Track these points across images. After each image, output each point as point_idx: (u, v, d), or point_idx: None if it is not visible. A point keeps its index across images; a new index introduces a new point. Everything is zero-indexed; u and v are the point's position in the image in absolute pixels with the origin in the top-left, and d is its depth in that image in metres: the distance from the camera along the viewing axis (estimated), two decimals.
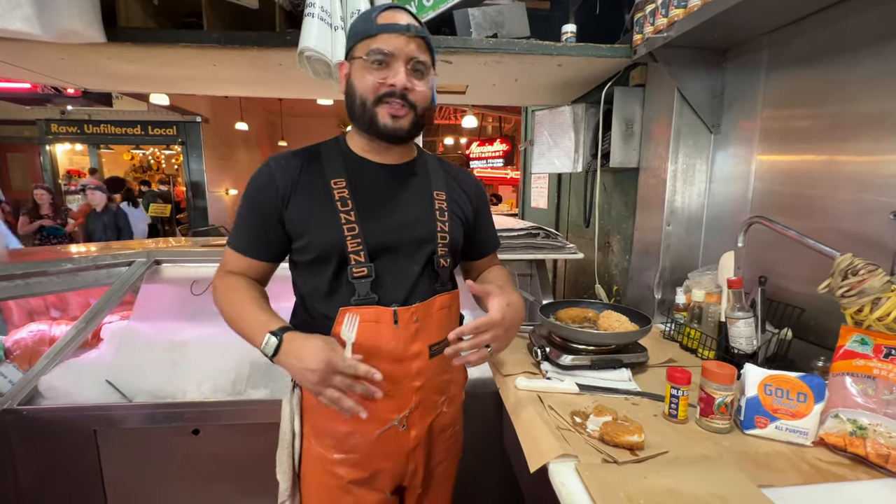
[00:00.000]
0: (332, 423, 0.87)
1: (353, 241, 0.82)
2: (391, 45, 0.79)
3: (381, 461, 0.89)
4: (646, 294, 1.62)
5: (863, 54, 0.99)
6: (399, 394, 0.87)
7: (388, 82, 0.80)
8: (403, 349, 0.85)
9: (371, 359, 0.81)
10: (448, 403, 0.97)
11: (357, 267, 0.83)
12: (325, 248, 0.83)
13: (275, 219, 0.84)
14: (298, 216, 0.84)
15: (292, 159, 0.87)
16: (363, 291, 0.83)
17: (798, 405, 0.78)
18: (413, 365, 0.87)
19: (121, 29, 1.36)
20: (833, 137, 1.06)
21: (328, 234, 0.82)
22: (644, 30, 1.36)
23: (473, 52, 1.49)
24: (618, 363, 1.06)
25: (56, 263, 1.53)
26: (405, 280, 0.86)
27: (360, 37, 0.81)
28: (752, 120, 1.29)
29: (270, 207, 0.84)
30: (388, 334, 0.84)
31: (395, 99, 0.81)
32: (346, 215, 0.83)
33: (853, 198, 1.00)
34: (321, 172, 0.86)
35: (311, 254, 0.84)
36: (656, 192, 1.54)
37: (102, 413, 1.38)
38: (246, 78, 1.83)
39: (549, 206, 2.97)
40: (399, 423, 0.88)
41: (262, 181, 0.85)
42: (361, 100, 0.82)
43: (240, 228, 0.88)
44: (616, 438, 0.76)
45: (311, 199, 0.84)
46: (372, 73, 0.80)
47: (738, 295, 1.07)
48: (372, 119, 0.82)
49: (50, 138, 7.98)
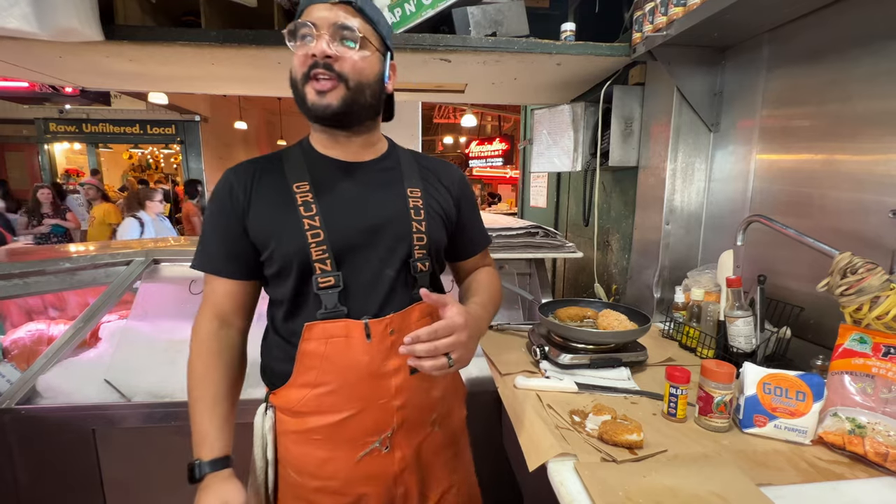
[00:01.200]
0: (307, 448, 0.81)
1: (317, 248, 0.76)
2: (314, 15, 0.73)
3: (363, 486, 0.82)
4: (645, 293, 1.62)
5: (862, 53, 0.98)
6: (377, 413, 0.80)
7: (308, 53, 0.73)
8: (379, 365, 0.79)
9: (343, 378, 0.78)
10: (440, 423, 0.89)
11: (323, 276, 0.77)
12: (287, 256, 0.77)
13: (239, 230, 0.79)
14: (259, 224, 0.78)
15: (250, 166, 0.82)
16: (330, 303, 0.77)
17: (797, 404, 0.78)
18: (391, 382, 0.80)
19: (118, 27, 1.36)
20: (832, 136, 1.05)
21: (290, 241, 0.76)
22: (643, 28, 1.36)
23: (472, 51, 1.48)
24: (617, 362, 1.06)
25: (54, 262, 1.53)
26: (378, 289, 0.80)
27: (296, 16, 0.76)
28: (751, 118, 1.29)
29: (232, 218, 0.79)
30: (360, 350, 0.78)
31: (320, 70, 0.73)
32: (309, 220, 0.77)
33: (852, 197, 1.00)
34: (282, 176, 0.80)
35: (275, 265, 0.78)
36: (655, 190, 1.54)
37: (101, 412, 1.38)
38: (245, 77, 1.83)
39: (548, 205, 2.97)
40: (381, 445, 0.81)
41: (220, 192, 0.80)
42: (293, 82, 0.76)
43: (208, 247, 0.81)
44: (615, 437, 0.76)
45: (271, 205, 0.79)
46: (300, 50, 0.74)
47: (737, 294, 1.07)
48: (303, 100, 0.75)
49: (48, 137, 7.97)
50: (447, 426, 0.92)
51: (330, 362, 0.78)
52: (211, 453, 0.76)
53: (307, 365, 0.79)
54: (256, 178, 0.81)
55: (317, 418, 0.80)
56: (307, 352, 0.78)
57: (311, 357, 0.78)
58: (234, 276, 0.81)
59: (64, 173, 8.68)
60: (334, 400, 0.79)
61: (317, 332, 0.77)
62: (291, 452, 0.83)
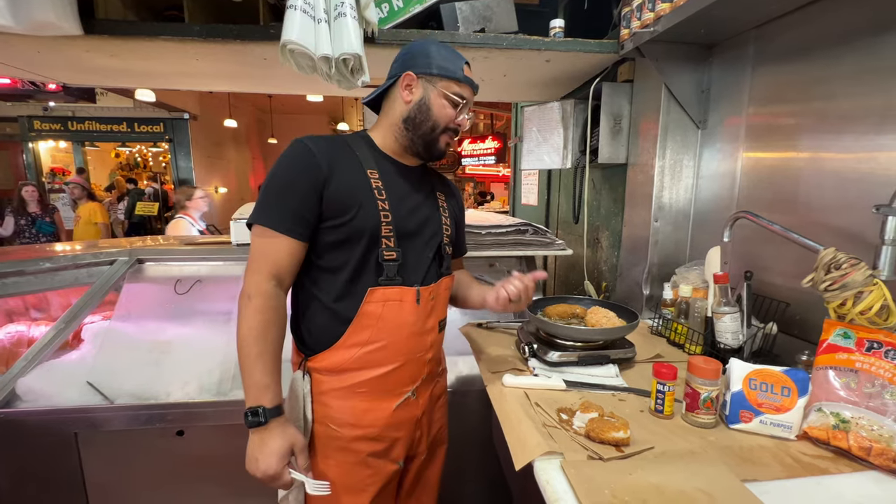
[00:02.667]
0: (350, 401, 0.92)
1: (386, 226, 0.90)
2: (468, 96, 0.95)
3: (396, 431, 0.96)
4: (634, 290, 1.62)
5: (846, 50, 0.99)
6: (415, 366, 0.96)
7: (458, 121, 0.95)
8: (422, 325, 0.96)
9: (393, 336, 0.92)
10: (441, 373, 1.11)
11: (388, 251, 0.90)
12: (361, 228, 0.88)
13: (315, 196, 0.86)
14: (339, 194, 0.87)
15: (329, 142, 0.92)
16: (391, 273, 0.91)
17: (782, 399, 0.78)
18: (428, 338, 0.98)
19: (98, 21, 1.32)
20: (817, 133, 1.06)
21: (368, 216, 0.88)
22: (631, 24, 1.35)
23: (461, 47, 1.47)
24: (605, 359, 1.06)
25: (34, 263, 1.49)
26: (421, 265, 0.96)
27: (447, 74, 0.92)
28: (738, 116, 1.30)
29: (312, 184, 0.86)
30: (410, 311, 0.93)
31: (454, 134, 0.97)
32: (382, 203, 0.90)
33: (836, 193, 1.01)
34: (357, 161, 0.92)
35: (344, 233, 0.88)
36: (644, 187, 1.55)
37: (83, 415, 1.35)
38: (230, 73, 1.80)
39: (539, 203, 2.97)
40: (412, 394, 0.97)
41: (302, 158, 0.87)
42: (434, 124, 0.93)
43: (278, 207, 0.85)
44: (602, 435, 0.76)
45: (351, 181, 0.89)
46: (450, 109, 0.93)
47: (724, 290, 1.07)
48: (433, 142, 0.95)
49: (32, 136, 7.80)
50: (443, 376, 1.13)
51: (384, 322, 0.91)
52: (273, 402, 0.83)
53: (364, 324, 0.90)
54: (336, 154, 0.90)
55: (363, 373, 0.91)
56: (367, 312, 0.89)
57: (369, 317, 0.90)
58: (302, 237, 0.87)
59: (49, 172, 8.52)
60: (383, 355, 0.92)
61: (378, 295, 0.90)
62: (332, 408, 0.92)
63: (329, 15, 1.18)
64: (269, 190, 0.87)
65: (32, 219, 5.02)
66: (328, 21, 1.18)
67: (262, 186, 0.89)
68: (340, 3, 1.17)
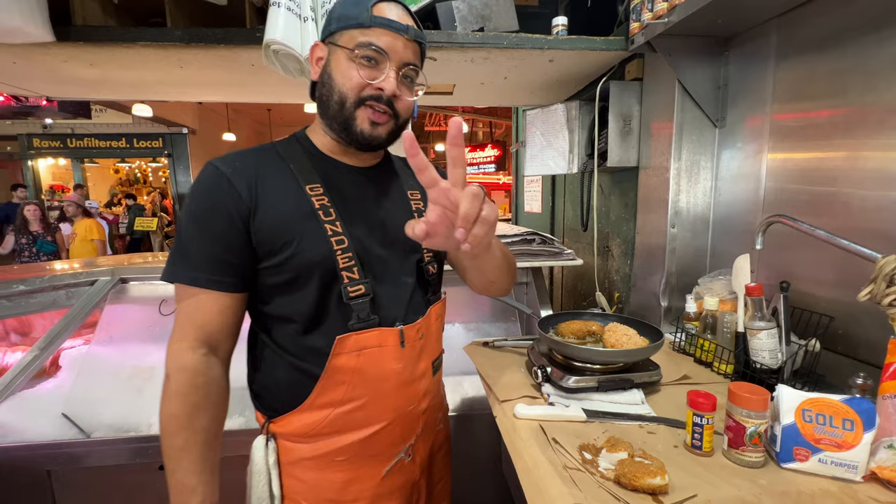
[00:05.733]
0: (326, 474, 0.76)
1: (343, 255, 0.72)
2: (386, 43, 0.70)
3: (387, 501, 0.80)
4: (651, 301, 1.51)
5: (885, 36, 0.89)
6: (406, 422, 0.81)
7: (377, 85, 0.71)
8: (411, 371, 0.79)
9: (375, 391, 0.75)
10: (444, 418, 0.94)
11: (353, 285, 0.72)
12: (308, 264, 0.70)
13: (238, 234, 0.69)
14: (271, 227, 0.70)
15: (246, 160, 0.73)
16: (363, 313, 0.73)
17: (844, 434, 0.67)
18: (420, 386, 0.81)
19: (72, 27, 1.24)
20: (855, 129, 0.96)
21: (311, 247, 0.70)
22: (642, 17, 1.26)
23: (459, 48, 1.39)
24: (628, 384, 0.95)
25: (6, 285, 1.39)
26: (401, 294, 0.78)
27: (348, 23, 0.70)
28: (760, 113, 1.20)
29: (230, 219, 0.68)
30: (393, 358, 0.76)
31: (380, 104, 0.72)
32: (331, 226, 0.72)
33: (881, 194, 0.90)
34: (291, 176, 0.74)
35: (288, 273, 0.71)
36: (659, 192, 1.44)
37: (57, 451, 1.24)
38: (218, 81, 1.72)
39: (543, 210, 2.87)
40: (406, 455, 0.81)
41: (213, 189, 0.69)
42: (340, 97, 0.72)
43: (195, 255, 0.68)
44: (635, 481, 0.64)
45: (283, 206, 0.71)
46: (359, 69, 0.70)
47: (757, 303, 0.96)
48: (348, 121, 0.73)
49: (32, 153, 7.81)
50: (446, 422, 0.96)
51: (362, 375, 0.74)
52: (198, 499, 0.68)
53: (337, 381, 0.73)
54: (260, 175, 0.72)
55: (340, 438, 0.76)
56: (338, 367, 0.72)
57: (343, 372, 0.73)
58: (231, 287, 0.70)
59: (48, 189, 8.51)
60: (365, 415, 0.76)
61: (350, 344, 0.73)
62: (305, 482, 0.76)
63: (316, 12, 1.10)
64: (182, 235, 0.70)
65: (33, 237, 4.97)
66: (315, 19, 1.10)
67: (177, 232, 0.72)
68: (327, 0, 1.09)
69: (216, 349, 0.72)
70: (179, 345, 0.69)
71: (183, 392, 0.68)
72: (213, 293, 0.69)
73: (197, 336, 0.69)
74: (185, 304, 0.70)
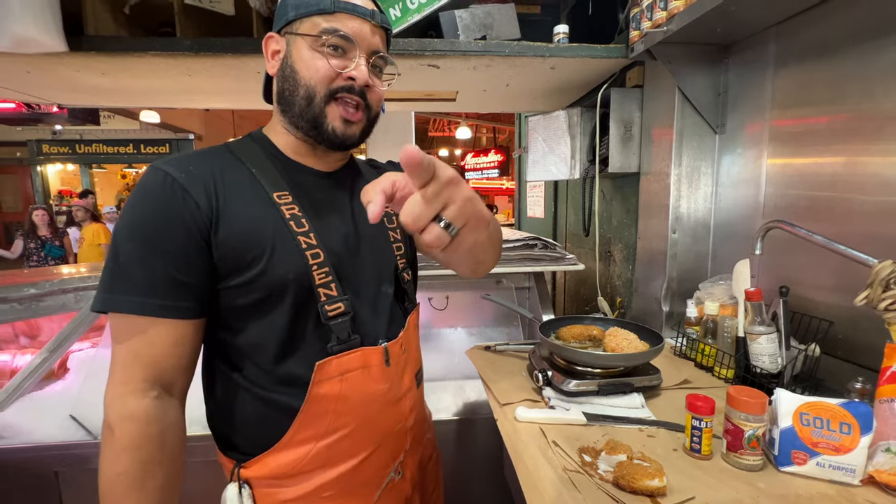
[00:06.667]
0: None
1: (319, 269, 0.64)
2: (353, 29, 0.64)
3: None
4: (652, 306, 1.51)
5: (882, 44, 0.90)
6: (394, 442, 0.75)
7: (347, 74, 0.64)
8: (397, 390, 0.73)
9: (361, 416, 0.68)
10: (429, 429, 0.90)
11: (331, 303, 0.65)
12: (280, 282, 0.62)
13: (197, 248, 0.59)
14: (238, 241, 0.61)
15: (201, 163, 0.63)
16: (343, 334, 0.66)
17: (841, 437, 0.68)
18: (406, 404, 0.77)
19: (85, 37, 1.28)
20: (854, 135, 0.97)
21: (287, 261, 0.63)
22: (641, 26, 1.28)
23: (462, 56, 1.41)
24: (629, 387, 0.96)
25: (17, 289, 1.42)
26: (381, 308, 0.72)
27: (308, 9, 0.63)
28: (760, 119, 1.21)
29: (191, 231, 0.59)
30: (378, 379, 0.70)
31: (353, 97, 0.66)
32: (304, 238, 0.64)
33: (882, 199, 0.91)
34: (253, 182, 0.65)
35: (257, 292, 0.62)
36: (660, 197, 1.45)
37: (65, 452, 1.26)
38: (225, 88, 1.75)
39: (545, 215, 2.89)
40: (396, 473, 0.76)
41: (167, 197, 0.58)
42: (308, 91, 0.65)
43: (141, 278, 0.57)
44: (633, 483, 0.65)
45: (250, 216, 0.62)
46: (325, 58, 0.63)
47: (757, 308, 0.97)
48: (317, 119, 0.66)
49: (41, 159, 7.93)
50: (432, 430, 0.92)
51: (346, 402, 0.67)
52: None
53: (318, 412, 0.65)
54: (219, 181, 0.62)
55: (326, 473, 0.68)
56: (320, 396, 0.65)
57: (325, 401, 0.65)
58: (188, 313, 0.60)
59: (57, 195, 8.62)
60: (351, 443, 0.69)
61: (332, 369, 0.65)
62: None
63: None
64: (119, 254, 0.57)
65: (42, 242, 5.03)
66: None
67: (110, 247, 0.59)
68: None
69: (171, 388, 0.62)
70: (122, 388, 0.58)
71: (133, 446, 0.57)
72: (166, 322, 0.58)
73: (146, 376, 0.58)
74: (127, 338, 0.58)
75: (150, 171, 0.61)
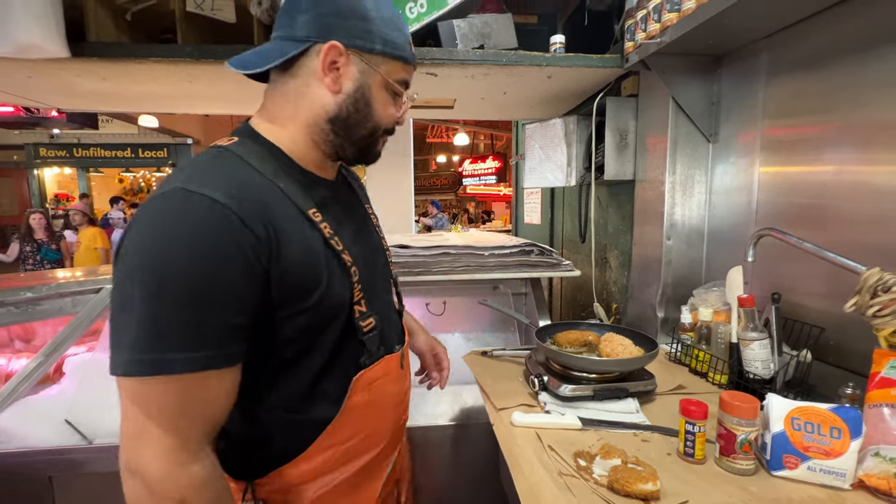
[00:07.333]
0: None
1: (357, 286, 0.64)
2: (411, 80, 0.70)
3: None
4: (647, 312, 1.53)
5: (870, 57, 0.93)
6: (396, 437, 0.80)
7: (399, 118, 0.71)
8: (406, 388, 0.80)
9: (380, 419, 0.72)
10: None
11: (364, 318, 0.65)
12: (335, 305, 0.62)
13: (260, 284, 0.54)
14: (300, 270, 0.57)
15: (240, 182, 0.55)
16: (374, 347, 0.68)
17: (832, 442, 0.69)
18: (407, 398, 0.82)
19: (87, 43, 1.29)
20: (842, 145, 0.99)
21: (340, 286, 0.62)
22: (636, 37, 1.31)
23: (460, 65, 1.43)
24: (623, 392, 0.96)
25: (13, 293, 1.42)
26: (390, 314, 0.76)
27: (395, 52, 0.64)
28: (751, 128, 1.23)
29: (254, 268, 0.53)
30: (395, 381, 0.74)
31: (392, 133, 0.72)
32: (346, 257, 0.63)
33: (870, 207, 0.93)
34: (287, 200, 0.59)
35: (311, 318, 0.60)
36: (655, 205, 1.47)
37: (59, 457, 1.25)
38: (226, 95, 1.77)
39: (542, 222, 2.91)
40: (391, 465, 0.80)
41: (225, 232, 0.50)
42: (375, 129, 0.68)
43: (198, 331, 0.49)
44: (627, 487, 0.66)
45: (303, 243, 0.59)
46: (394, 106, 0.69)
47: (750, 314, 0.98)
48: (368, 149, 0.70)
49: (38, 162, 7.91)
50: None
51: (371, 408, 0.70)
52: None
53: (346, 422, 0.66)
54: (264, 202, 0.56)
55: (338, 472, 0.69)
56: (353, 406, 0.66)
57: (356, 409, 0.67)
58: (241, 357, 0.55)
59: (53, 198, 8.59)
60: (368, 443, 0.72)
61: (364, 381, 0.67)
62: None
63: None
64: (160, 301, 0.48)
65: (38, 245, 5.01)
66: None
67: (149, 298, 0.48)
68: None
69: (214, 440, 0.57)
70: (181, 456, 0.50)
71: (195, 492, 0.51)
72: (223, 372, 0.52)
73: (200, 436, 0.52)
74: (176, 400, 0.50)
75: (183, 196, 0.51)
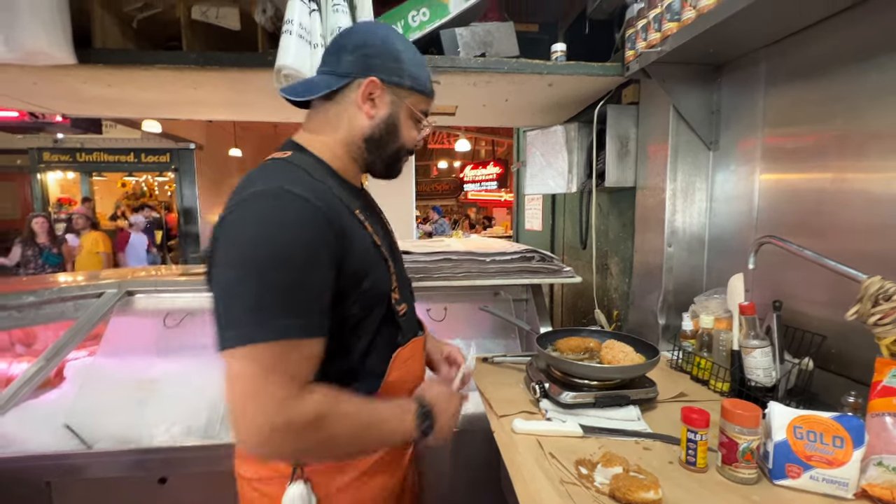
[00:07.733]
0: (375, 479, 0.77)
1: (393, 276, 0.77)
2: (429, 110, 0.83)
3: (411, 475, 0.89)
4: (648, 319, 1.53)
5: (868, 66, 0.94)
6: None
7: (418, 140, 0.84)
8: (423, 374, 0.89)
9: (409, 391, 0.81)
10: None
11: (399, 304, 0.78)
12: (379, 294, 0.74)
13: (335, 274, 0.66)
14: (359, 262, 0.69)
15: (317, 187, 0.68)
16: (408, 328, 0.81)
17: (834, 451, 0.68)
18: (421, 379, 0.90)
19: (93, 50, 1.31)
20: (841, 153, 0.99)
21: (382, 277, 0.75)
22: (636, 46, 1.32)
23: (462, 72, 1.45)
24: (625, 400, 0.96)
25: (16, 297, 1.42)
26: (412, 301, 0.87)
27: (420, 87, 0.78)
28: (752, 136, 1.24)
29: (334, 259, 0.65)
30: (419, 361, 0.86)
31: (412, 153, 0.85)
32: (385, 250, 0.77)
33: (868, 216, 0.93)
34: (341, 203, 0.71)
35: (361, 305, 0.70)
36: (656, 212, 1.48)
37: (57, 462, 1.25)
38: (229, 101, 1.78)
39: (543, 228, 2.91)
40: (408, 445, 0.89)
41: (318, 227, 0.63)
42: (400, 150, 0.81)
43: (305, 302, 0.61)
44: (629, 495, 0.66)
45: (358, 237, 0.71)
46: (417, 131, 0.82)
47: (751, 322, 0.98)
48: (393, 165, 0.83)
49: (42, 167, 7.94)
50: None
51: (404, 385, 0.80)
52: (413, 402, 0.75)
53: (384, 395, 0.76)
54: (334, 205, 0.68)
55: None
56: (390, 383, 0.77)
57: (394, 386, 0.77)
58: (326, 332, 0.65)
59: (56, 202, 8.61)
60: None
61: (400, 359, 0.78)
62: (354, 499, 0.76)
63: (325, 39, 1.15)
64: (272, 279, 0.59)
65: (40, 249, 5.02)
66: (324, 46, 1.15)
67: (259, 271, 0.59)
68: (337, 28, 1.15)
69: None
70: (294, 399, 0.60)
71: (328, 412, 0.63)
72: (319, 340, 0.64)
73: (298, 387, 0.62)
74: (286, 359, 0.60)
75: (285, 196, 0.63)
